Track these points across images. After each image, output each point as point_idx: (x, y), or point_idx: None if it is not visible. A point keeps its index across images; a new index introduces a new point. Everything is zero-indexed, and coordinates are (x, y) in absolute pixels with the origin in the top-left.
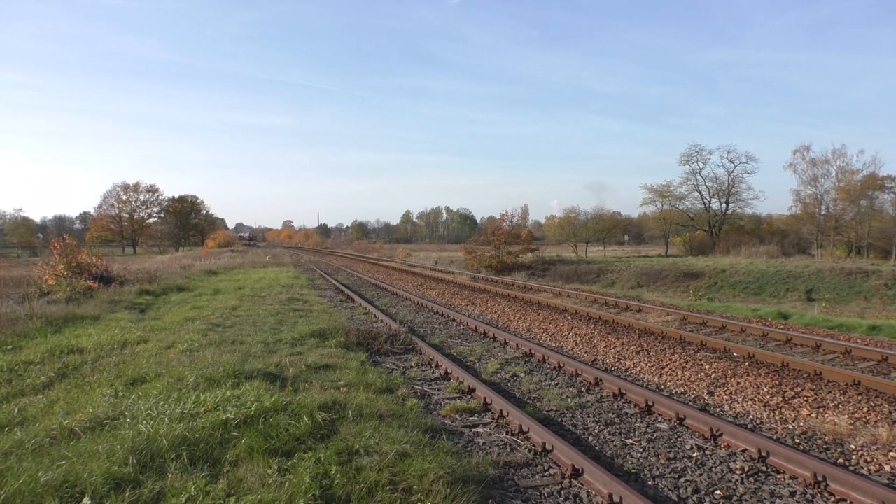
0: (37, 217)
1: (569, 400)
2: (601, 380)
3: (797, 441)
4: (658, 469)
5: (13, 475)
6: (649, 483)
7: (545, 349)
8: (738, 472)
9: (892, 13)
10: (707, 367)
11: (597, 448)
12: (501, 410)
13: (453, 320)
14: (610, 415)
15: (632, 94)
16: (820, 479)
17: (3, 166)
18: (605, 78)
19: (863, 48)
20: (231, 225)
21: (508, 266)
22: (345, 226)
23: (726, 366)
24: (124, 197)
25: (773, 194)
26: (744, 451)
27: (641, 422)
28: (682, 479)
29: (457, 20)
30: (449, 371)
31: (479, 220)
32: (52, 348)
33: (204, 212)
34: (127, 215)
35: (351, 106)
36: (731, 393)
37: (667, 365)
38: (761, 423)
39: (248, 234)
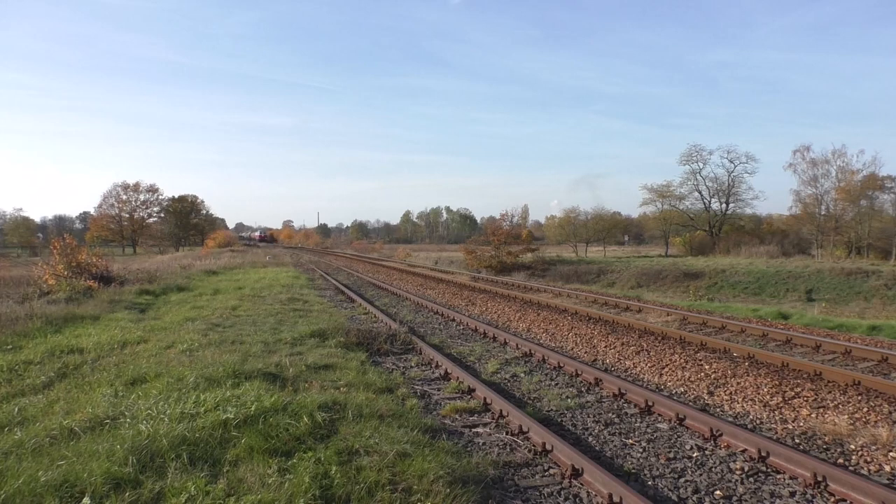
0: (37, 217)
1: (569, 400)
2: (601, 380)
3: (797, 441)
4: (658, 469)
5: (13, 475)
6: (649, 483)
7: (545, 349)
8: (738, 473)
9: (893, 13)
10: (707, 367)
11: (597, 448)
12: (501, 410)
13: (453, 320)
14: (610, 415)
15: (633, 94)
16: (820, 479)
17: (3, 166)
18: (606, 78)
19: (864, 48)
20: (231, 225)
21: (508, 266)
22: (345, 226)
23: (726, 366)
24: (124, 197)
25: (773, 194)
26: (744, 451)
27: (641, 422)
28: (682, 480)
29: (458, 20)
30: (449, 371)
31: (479, 220)
32: (52, 348)
33: (204, 212)
34: (127, 215)
35: (351, 106)
36: (731, 393)
37: (667, 365)
38: (761, 423)
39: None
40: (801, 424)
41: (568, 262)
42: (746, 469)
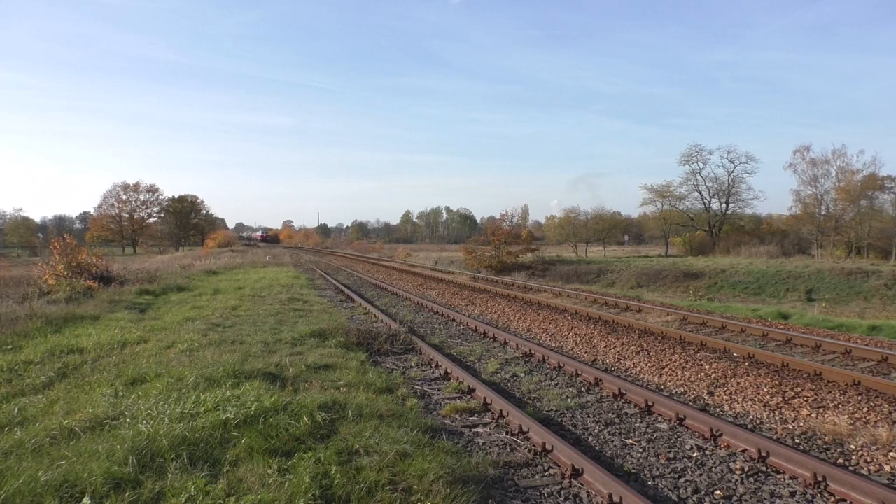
0: (37, 217)
1: (569, 400)
2: (601, 380)
3: (797, 441)
4: (658, 469)
5: (13, 475)
6: (649, 483)
7: (545, 349)
8: (738, 473)
9: (893, 13)
10: (707, 367)
11: (597, 448)
12: (501, 410)
13: (453, 320)
14: (610, 415)
15: (633, 94)
16: (820, 479)
17: (3, 166)
18: (606, 78)
19: (864, 48)
20: (231, 225)
21: (508, 266)
22: (345, 226)
23: (726, 366)
24: (124, 197)
25: (773, 194)
26: (744, 451)
27: (641, 422)
28: (682, 480)
29: (458, 20)
30: (449, 371)
31: (479, 220)
32: (52, 348)
33: (204, 212)
34: (127, 215)
35: (351, 106)
36: (731, 393)
37: (667, 365)
38: (761, 423)
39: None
40: (801, 424)
41: (568, 262)
42: (746, 469)
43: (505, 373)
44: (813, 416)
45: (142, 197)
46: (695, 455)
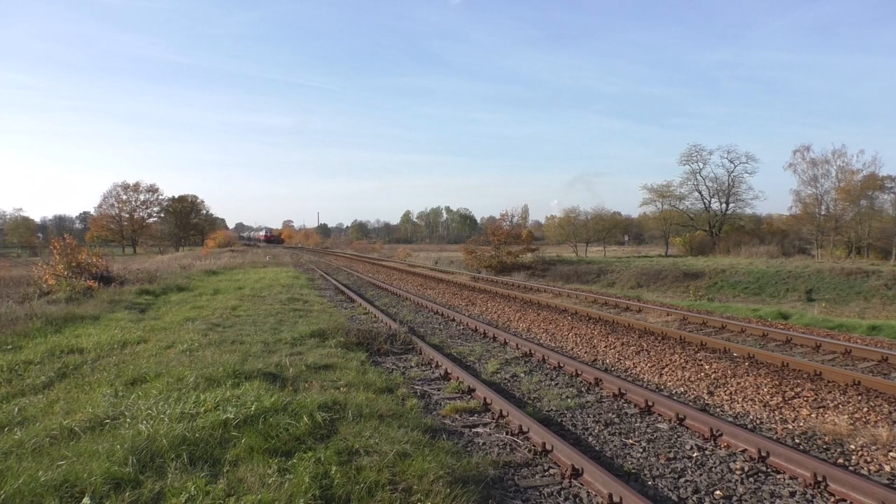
0: (37, 217)
1: (569, 400)
2: (601, 380)
3: (797, 441)
4: (658, 469)
5: (13, 475)
6: (649, 483)
7: (545, 349)
8: (737, 473)
9: (893, 13)
10: (707, 367)
11: (597, 448)
12: (501, 410)
13: (453, 320)
14: (610, 415)
15: (634, 94)
16: (820, 479)
17: (3, 166)
18: (606, 78)
19: (864, 48)
20: (231, 225)
21: (508, 266)
22: (345, 226)
23: (726, 366)
24: (124, 197)
25: (773, 194)
26: (744, 451)
27: (641, 422)
28: (682, 480)
29: (458, 20)
30: (449, 371)
31: (479, 220)
32: (52, 348)
33: (204, 212)
34: (127, 215)
35: (351, 106)
36: (731, 393)
37: (667, 365)
38: (761, 423)
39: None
40: (801, 424)
41: (568, 262)
42: (746, 469)
43: (505, 373)
44: (813, 416)
45: (142, 197)
46: (695, 455)
